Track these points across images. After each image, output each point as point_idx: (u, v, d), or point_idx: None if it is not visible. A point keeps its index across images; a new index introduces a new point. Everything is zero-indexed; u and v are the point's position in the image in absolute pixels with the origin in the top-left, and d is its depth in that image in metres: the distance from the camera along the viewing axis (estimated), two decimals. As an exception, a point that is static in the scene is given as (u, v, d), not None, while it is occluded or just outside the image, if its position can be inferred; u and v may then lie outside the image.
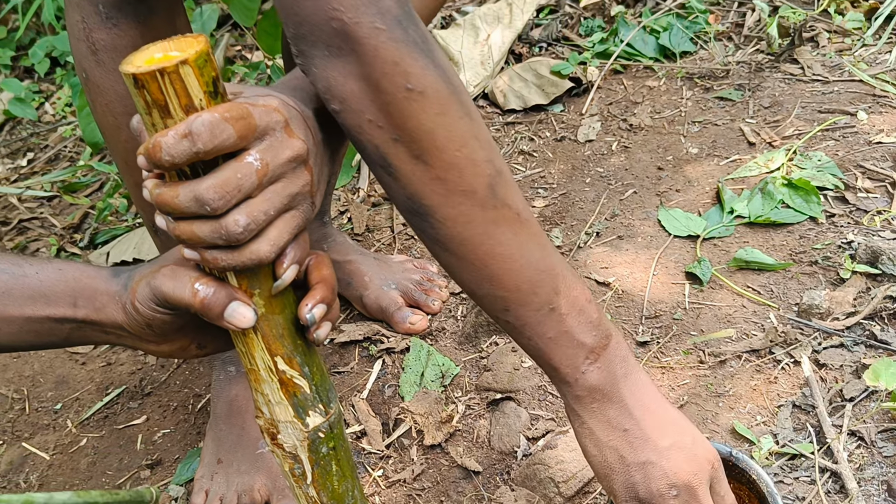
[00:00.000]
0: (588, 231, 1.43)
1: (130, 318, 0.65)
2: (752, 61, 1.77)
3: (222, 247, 0.57)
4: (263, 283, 0.61)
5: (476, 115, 0.66)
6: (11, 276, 0.68)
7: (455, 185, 0.65)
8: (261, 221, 0.56)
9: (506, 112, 1.80)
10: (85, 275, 0.69)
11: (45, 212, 1.93)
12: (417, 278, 1.38)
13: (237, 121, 0.54)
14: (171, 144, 0.52)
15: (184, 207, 0.55)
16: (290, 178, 0.58)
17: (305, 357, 0.64)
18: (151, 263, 0.66)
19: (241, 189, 0.55)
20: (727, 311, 1.23)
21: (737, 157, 1.54)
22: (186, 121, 0.52)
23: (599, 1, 2.01)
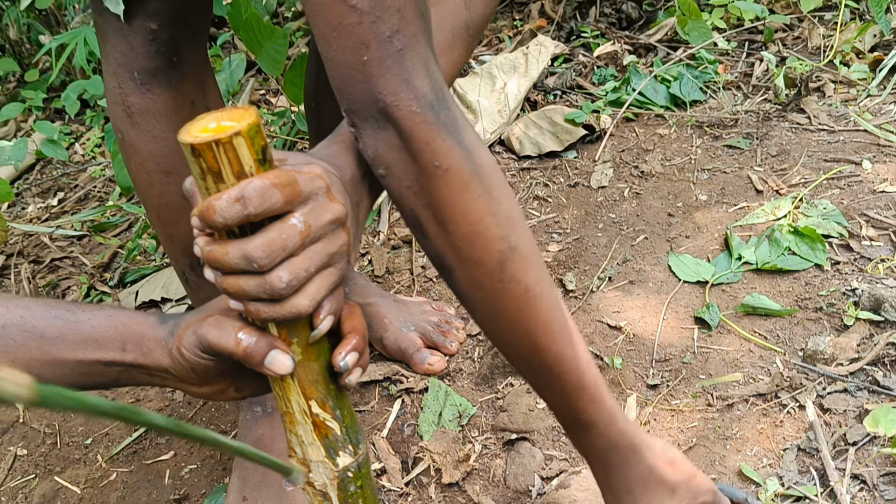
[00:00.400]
0: (601, 276, 1.48)
1: (176, 363, 0.70)
2: (760, 110, 1.83)
3: (266, 300, 0.62)
4: (301, 333, 0.66)
5: (498, 192, 0.72)
6: (65, 322, 0.74)
7: (468, 253, 0.73)
8: (302, 278, 0.62)
9: (521, 158, 1.86)
10: (133, 321, 0.74)
11: (75, 250, 2.00)
12: (435, 320, 1.43)
13: (284, 186, 0.59)
14: (224, 207, 0.58)
15: (233, 264, 0.60)
16: (330, 238, 0.64)
17: (337, 401, 0.70)
18: (196, 312, 0.72)
19: (286, 248, 0.60)
20: (735, 356, 1.28)
21: (745, 204, 1.59)
22: (238, 186, 0.58)
23: (612, 51, 2.08)
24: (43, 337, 0.73)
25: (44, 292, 1.85)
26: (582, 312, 1.41)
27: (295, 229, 0.61)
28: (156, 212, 1.10)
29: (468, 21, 0.88)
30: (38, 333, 0.73)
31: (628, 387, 1.26)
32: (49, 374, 0.74)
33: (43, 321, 0.74)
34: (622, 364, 1.29)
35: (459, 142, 0.70)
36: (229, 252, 0.60)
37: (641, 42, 2.12)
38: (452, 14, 0.87)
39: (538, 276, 0.75)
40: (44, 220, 2.21)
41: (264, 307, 0.63)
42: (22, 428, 1.49)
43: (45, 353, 0.73)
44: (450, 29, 0.87)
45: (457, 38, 0.88)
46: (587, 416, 0.79)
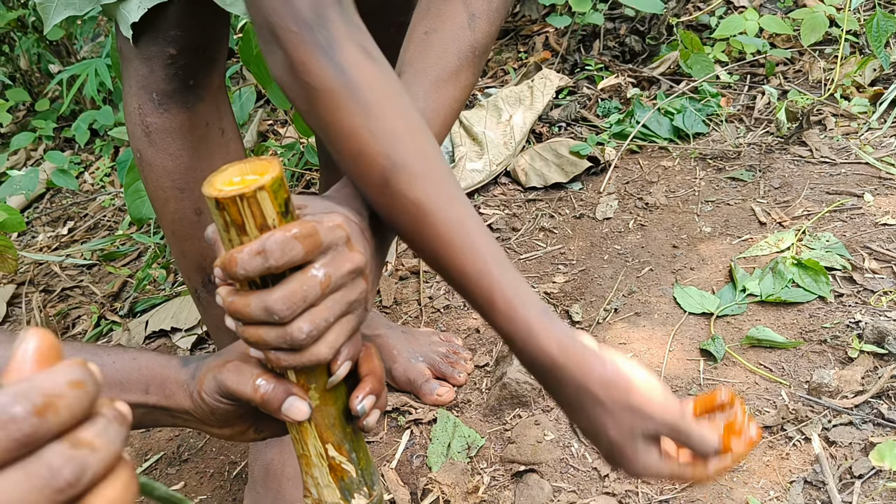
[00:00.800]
0: (607, 307, 1.50)
1: (196, 406, 0.72)
2: (763, 143, 1.86)
3: (286, 349, 0.64)
4: (319, 379, 0.68)
5: (379, 110, 0.72)
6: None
7: (353, 171, 0.74)
8: (322, 328, 0.63)
9: (527, 190, 1.89)
10: (156, 364, 0.76)
11: (85, 280, 2.02)
12: (444, 351, 1.45)
13: (305, 238, 0.60)
14: (245, 260, 0.59)
15: (254, 316, 0.62)
16: (350, 287, 0.65)
17: (353, 444, 0.71)
18: (217, 357, 0.73)
19: (306, 300, 0.61)
20: (740, 388, 1.29)
21: (748, 236, 1.61)
22: (260, 239, 0.59)
23: (616, 83, 2.11)
24: None
25: (54, 321, 1.86)
26: (588, 344, 1.43)
27: (315, 280, 0.62)
28: (170, 227, 1.14)
29: (473, 43, 0.88)
30: None
31: (635, 418, 1.27)
32: None
33: None
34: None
35: (333, 61, 0.70)
36: (251, 304, 0.62)
37: (645, 75, 2.15)
38: (456, 38, 0.87)
39: (432, 191, 0.73)
40: (54, 248, 2.23)
41: (284, 356, 0.64)
42: (33, 457, 1.50)
43: None
44: (455, 53, 0.87)
45: (463, 61, 0.88)
46: (504, 331, 0.75)
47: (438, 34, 0.87)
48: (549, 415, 1.30)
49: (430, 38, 0.87)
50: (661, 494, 1.14)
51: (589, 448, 1.23)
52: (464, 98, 0.90)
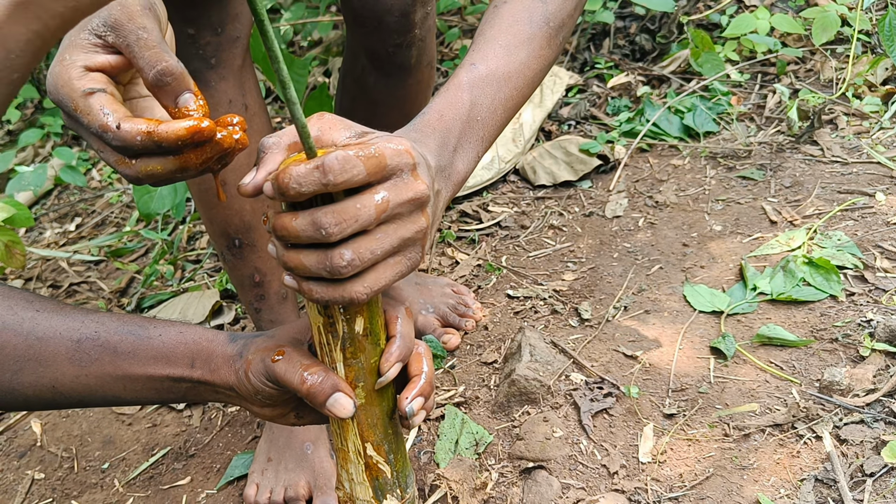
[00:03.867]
0: (616, 305, 1.49)
1: (241, 384, 0.72)
2: (774, 142, 1.85)
3: (321, 280, 0.60)
4: (368, 378, 0.67)
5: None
6: (138, 337, 0.76)
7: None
8: (366, 259, 0.58)
9: (536, 187, 1.88)
10: (203, 338, 0.76)
11: (92, 275, 2.02)
12: (453, 302, 1.52)
13: (368, 159, 0.57)
14: (301, 174, 0.56)
15: (300, 231, 0.57)
16: (406, 220, 0.61)
17: (393, 445, 0.70)
18: (267, 338, 0.73)
19: (358, 220, 0.57)
20: (751, 386, 1.28)
21: (759, 234, 1.60)
22: (320, 156, 0.56)
23: (626, 82, 2.10)
24: (116, 352, 0.75)
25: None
26: (598, 341, 1.42)
27: (371, 202, 0.58)
28: (198, 196, 1.19)
29: (546, 14, 0.86)
30: (111, 348, 0.75)
31: (645, 416, 1.26)
32: (120, 389, 0.76)
33: (116, 336, 0.76)
34: (638, 393, 1.30)
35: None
36: (298, 217, 0.57)
37: (655, 73, 2.14)
38: (527, 8, 0.86)
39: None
40: (61, 245, 2.23)
41: (317, 287, 0.60)
42: (39, 452, 1.50)
43: (117, 368, 0.75)
44: (526, 21, 0.85)
45: (536, 30, 0.85)
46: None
47: (508, 5, 0.86)
48: (558, 412, 1.30)
49: (500, 10, 0.85)
50: (670, 492, 1.13)
51: (598, 445, 1.23)
52: (539, 68, 0.87)
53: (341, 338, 0.67)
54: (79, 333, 0.76)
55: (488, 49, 0.82)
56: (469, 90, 0.78)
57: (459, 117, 0.76)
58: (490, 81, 0.80)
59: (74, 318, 0.78)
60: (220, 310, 1.73)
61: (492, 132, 0.80)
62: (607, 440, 1.23)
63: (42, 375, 0.76)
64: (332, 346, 0.68)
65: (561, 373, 1.36)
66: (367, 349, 0.69)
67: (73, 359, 0.75)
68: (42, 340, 0.76)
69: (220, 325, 1.68)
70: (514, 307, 1.55)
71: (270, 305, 1.29)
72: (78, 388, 0.76)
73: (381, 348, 0.70)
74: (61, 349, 0.75)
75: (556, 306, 1.52)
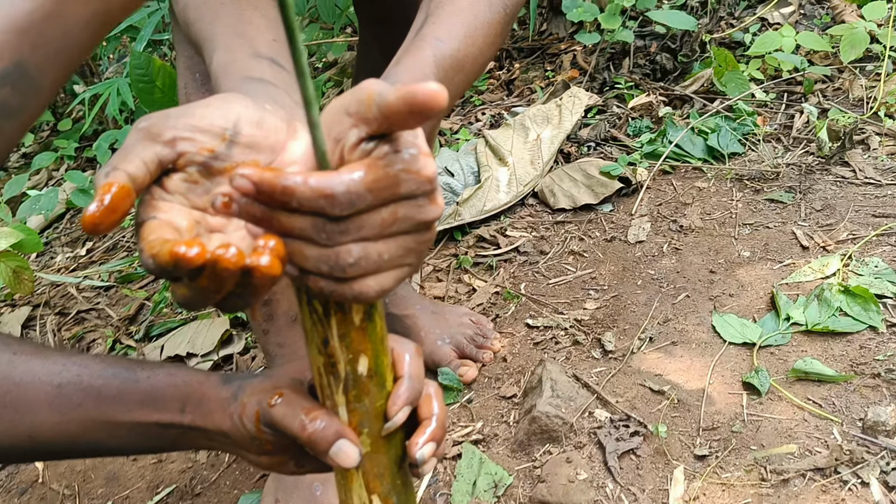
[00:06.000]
0: (641, 336, 1.42)
1: (236, 429, 0.66)
2: (803, 163, 1.78)
3: (326, 275, 0.55)
4: (373, 423, 0.61)
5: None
6: (123, 380, 0.70)
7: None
8: (372, 261, 0.54)
9: (555, 211, 1.82)
10: (195, 380, 0.70)
11: (101, 302, 1.98)
12: (470, 333, 1.46)
13: (381, 191, 0.52)
14: (307, 196, 0.50)
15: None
16: (416, 236, 0.56)
17: (402, 496, 0.64)
18: (264, 378, 0.67)
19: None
20: (788, 425, 1.21)
21: (790, 261, 1.53)
22: (329, 178, 0.51)
23: (647, 102, 2.04)
24: (100, 396, 0.70)
25: (69, 345, 1.82)
26: (622, 375, 1.35)
27: (378, 217, 0.54)
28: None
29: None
30: (95, 392, 0.70)
31: (675, 457, 1.19)
32: (105, 436, 0.71)
33: (100, 380, 0.71)
34: (667, 432, 1.23)
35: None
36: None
37: (677, 93, 2.08)
38: None
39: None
40: (72, 269, 2.19)
41: (325, 282, 0.55)
42: (41, 489, 1.45)
43: (101, 414, 0.70)
44: (487, 3, 0.80)
45: (494, 14, 0.81)
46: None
47: None
48: (582, 451, 1.23)
49: None
50: (704, 541, 1.06)
51: (625, 489, 1.15)
52: (488, 58, 0.83)
53: (343, 379, 0.62)
54: (60, 377, 0.71)
55: (450, 24, 0.78)
56: (434, 69, 0.73)
57: None
58: (451, 64, 0.76)
59: (55, 361, 0.73)
60: (229, 339, 1.67)
61: (438, 124, 0.75)
62: (635, 483, 1.16)
63: (19, 423, 0.71)
64: (334, 388, 0.62)
65: (584, 409, 1.29)
66: (371, 392, 0.63)
67: (54, 405, 0.70)
68: (19, 385, 0.71)
69: (229, 355, 1.63)
70: (534, 337, 1.48)
71: (279, 327, 1.23)
72: (58, 437, 0.71)
73: (387, 390, 0.64)
74: (40, 394, 0.70)
75: (577, 337, 1.45)
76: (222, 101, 0.59)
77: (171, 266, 0.48)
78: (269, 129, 0.60)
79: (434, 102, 0.49)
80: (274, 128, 0.60)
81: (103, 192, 0.51)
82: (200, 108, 0.58)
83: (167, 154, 0.57)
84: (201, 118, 0.57)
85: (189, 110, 0.58)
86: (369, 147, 0.55)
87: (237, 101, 0.60)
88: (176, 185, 0.58)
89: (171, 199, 0.58)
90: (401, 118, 0.51)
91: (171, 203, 0.58)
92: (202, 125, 0.57)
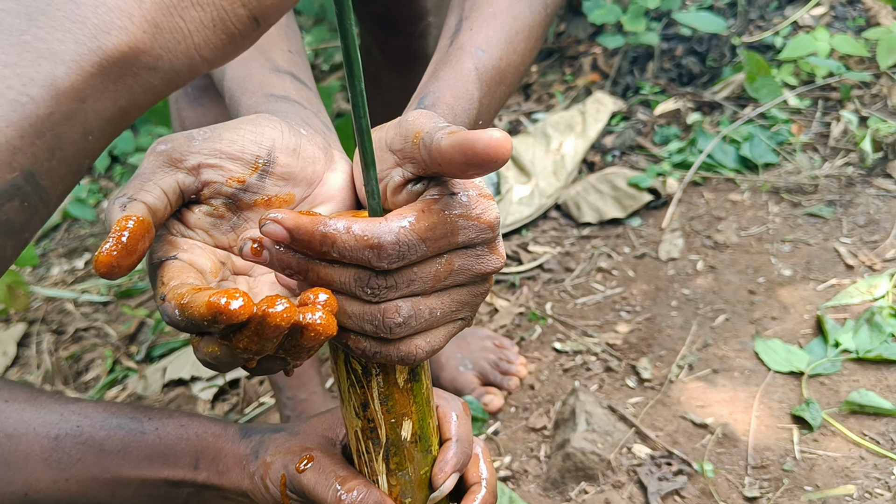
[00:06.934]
0: (679, 363, 1.33)
1: (257, 490, 0.59)
2: (842, 175, 1.68)
3: (370, 335, 0.48)
4: (417, 492, 0.54)
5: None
6: (129, 432, 0.63)
7: None
8: (423, 319, 0.47)
9: (581, 225, 1.72)
10: (209, 432, 0.63)
11: (100, 318, 1.88)
12: (494, 358, 1.37)
13: (436, 241, 0.45)
14: (350, 246, 0.43)
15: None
16: (471, 288, 0.49)
17: None
18: (290, 435, 0.60)
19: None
20: (844, 464, 1.11)
21: (834, 280, 1.43)
22: (377, 226, 0.44)
23: (674, 108, 1.94)
24: (102, 451, 0.63)
25: (66, 365, 1.72)
26: (661, 406, 1.25)
27: (432, 268, 0.47)
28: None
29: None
30: (96, 446, 0.63)
31: (722, 498, 1.09)
32: (108, 496, 0.63)
33: (103, 431, 0.63)
34: (714, 471, 1.13)
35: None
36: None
37: (706, 99, 1.98)
38: None
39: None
40: (69, 283, 2.09)
41: (370, 342, 0.48)
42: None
43: (104, 471, 0.62)
44: (527, 3, 0.73)
45: (535, 15, 0.74)
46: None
47: None
48: (622, 491, 1.13)
49: None
50: None
51: (672, 537, 1.06)
52: (528, 65, 0.77)
53: (384, 445, 0.54)
54: (57, 429, 0.63)
55: (490, 30, 0.70)
56: (477, 84, 0.65)
57: (469, 117, 0.63)
58: (494, 76, 0.68)
59: (51, 409, 0.65)
60: (236, 361, 1.58)
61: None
62: (682, 530, 1.07)
63: (12, 481, 0.63)
64: (374, 454, 0.55)
65: (622, 444, 1.19)
66: (416, 458, 0.56)
67: (51, 460, 0.63)
68: (12, 438, 0.63)
69: (236, 380, 1.53)
70: (563, 363, 1.39)
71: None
72: (56, 496, 0.64)
73: (432, 455, 0.57)
74: (36, 448, 0.63)
75: (610, 363, 1.36)
76: (253, 123, 0.51)
77: (206, 320, 0.40)
78: (306, 158, 0.51)
79: (497, 155, 0.40)
80: (311, 157, 0.52)
81: (119, 228, 0.43)
82: (229, 132, 0.49)
83: (190, 183, 0.49)
84: (230, 143, 0.49)
85: (216, 133, 0.49)
86: (418, 188, 0.47)
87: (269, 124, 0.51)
88: (198, 219, 0.50)
89: (193, 236, 0.50)
90: (455, 169, 0.42)
91: (193, 241, 0.49)
92: (231, 151, 0.49)
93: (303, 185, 0.52)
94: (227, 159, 0.49)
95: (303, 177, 0.52)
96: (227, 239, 0.51)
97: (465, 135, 0.41)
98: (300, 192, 0.52)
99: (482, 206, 0.46)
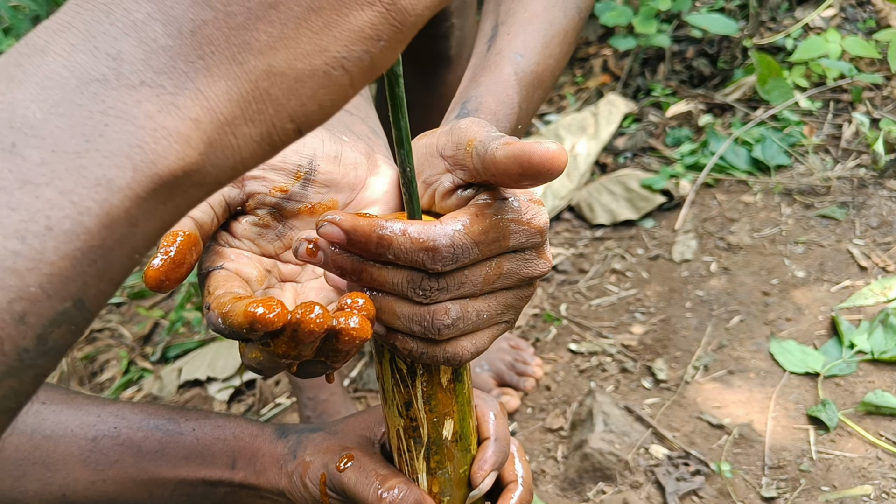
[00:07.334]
0: (695, 364, 1.33)
1: (295, 489, 0.60)
2: (854, 177, 1.69)
3: (418, 336, 0.49)
4: (455, 491, 0.55)
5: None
6: (166, 433, 0.64)
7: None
8: (470, 321, 0.48)
9: (594, 226, 1.73)
10: (246, 433, 0.64)
11: (114, 319, 1.89)
12: (510, 359, 1.37)
13: (489, 245, 0.46)
14: (406, 248, 0.44)
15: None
16: (518, 292, 0.51)
17: None
18: (329, 434, 0.61)
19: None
20: (861, 464, 1.12)
21: (848, 282, 1.44)
22: (432, 229, 0.45)
23: (686, 110, 1.95)
24: (140, 452, 0.63)
25: (81, 366, 1.73)
26: (678, 407, 1.26)
27: (481, 272, 0.48)
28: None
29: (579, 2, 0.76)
30: (134, 447, 0.64)
31: (739, 499, 1.10)
32: (146, 496, 0.64)
33: (140, 433, 0.64)
34: (731, 471, 1.14)
35: None
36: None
37: (717, 101, 1.99)
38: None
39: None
40: (82, 284, 2.10)
41: (416, 343, 0.49)
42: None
43: (141, 471, 0.63)
44: (561, 7, 0.74)
45: (569, 20, 0.75)
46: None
47: None
48: (639, 492, 1.14)
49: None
50: None
51: (691, 537, 1.07)
52: (560, 72, 0.78)
53: (425, 444, 0.56)
54: (94, 430, 0.64)
55: (527, 35, 0.70)
56: (517, 89, 0.66)
57: (510, 122, 0.64)
58: (531, 81, 0.69)
59: (89, 411, 0.65)
60: (251, 361, 1.58)
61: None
62: (701, 530, 1.07)
63: (50, 482, 0.64)
64: (415, 453, 0.56)
65: (639, 445, 1.20)
66: (455, 457, 0.57)
67: (88, 461, 0.63)
68: (50, 439, 0.64)
69: (252, 380, 1.54)
70: (579, 364, 1.39)
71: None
72: (93, 497, 0.64)
73: (471, 454, 0.58)
74: (73, 450, 0.64)
75: (625, 364, 1.37)
76: None
77: (245, 328, 0.41)
78: (347, 164, 0.52)
79: (553, 167, 0.42)
80: (353, 163, 0.53)
81: (168, 243, 0.45)
82: None
83: (235, 195, 0.50)
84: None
85: None
86: (468, 193, 0.48)
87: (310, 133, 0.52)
88: (245, 229, 0.51)
89: (240, 245, 0.51)
90: (509, 179, 0.44)
91: (240, 250, 0.51)
92: (273, 162, 0.50)
93: (345, 190, 0.53)
94: (270, 170, 0.51)
95: (345, 183, 0.53)
96: (273, 247, 0.53)
97: (521, 146, 0.41)
98: (343, 197, 0.53)
99: (533, 211, 0.47)
